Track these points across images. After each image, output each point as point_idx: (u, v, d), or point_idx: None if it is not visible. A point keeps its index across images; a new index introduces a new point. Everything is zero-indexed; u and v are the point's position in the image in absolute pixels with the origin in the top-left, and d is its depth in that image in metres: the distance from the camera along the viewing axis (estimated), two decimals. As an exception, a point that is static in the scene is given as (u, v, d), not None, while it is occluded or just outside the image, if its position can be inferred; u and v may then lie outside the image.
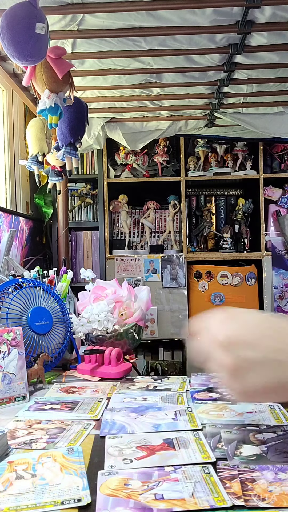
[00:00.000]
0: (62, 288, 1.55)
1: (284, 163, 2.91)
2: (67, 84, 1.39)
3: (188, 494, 0.64)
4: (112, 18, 1.41)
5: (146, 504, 0.62)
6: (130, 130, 2.56)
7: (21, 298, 1.31)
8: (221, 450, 0.79)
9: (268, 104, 2.27)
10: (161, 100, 2.18)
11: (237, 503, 0.62)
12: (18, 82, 1.94)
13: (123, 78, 1.90)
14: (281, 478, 0.69)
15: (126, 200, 2.89)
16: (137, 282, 2.77)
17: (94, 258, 2.90)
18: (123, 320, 1.49)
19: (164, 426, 0.91)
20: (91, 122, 2.44)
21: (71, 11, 1.37)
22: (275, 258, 2.83)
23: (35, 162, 1.70)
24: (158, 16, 1.41)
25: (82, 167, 2.94)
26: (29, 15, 1.14)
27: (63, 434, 0.89)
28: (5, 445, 0.82)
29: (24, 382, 1.13)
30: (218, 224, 3.03)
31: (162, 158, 2.83)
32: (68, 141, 1.61)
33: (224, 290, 2.80)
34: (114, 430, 0.90)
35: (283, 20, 1.44)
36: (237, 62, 1.74)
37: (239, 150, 2.88)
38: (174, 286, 2.78)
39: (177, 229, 2.94)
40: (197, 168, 2.90)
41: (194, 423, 0.92)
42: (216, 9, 1.38)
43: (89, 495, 0.65)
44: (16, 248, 2.20)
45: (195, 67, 1.78)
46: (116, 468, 0.73)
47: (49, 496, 0.65)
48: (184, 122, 2.54)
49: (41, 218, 2.76)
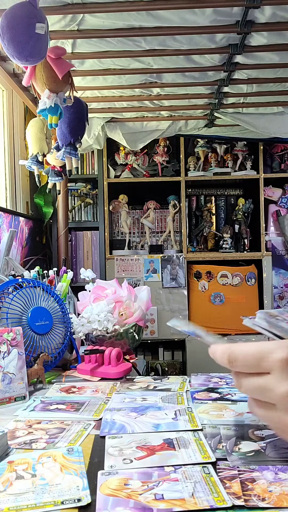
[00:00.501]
0: (62, 288, 1.55)
1: (284, 163, 2.91)
2: (67, 84, 1.39)
3: (188, 494, 0.64)
4: (112, 18, 1.41)
5: (146, 504, 0.62)
6: (130, 130, 2.57)
7: (21, 298, 1.31)
8: (221, 450, 0.79)
9: (268, 104, 2.27)
10: (161, 100, 2.18)
11: (237, 503, 0.62)
12: (18, 82, 1.94)
13: (123, 78, 1.90)
14: (281, 478, 0.69)
15: (126, 200, 2.89)
16: (137, 282, 2.77)
17: (94, 258, 2.90)
18: (123, 320, 1.49)
19: (164, 426, 0.91)
20: (91, 122, 2.44)
21: (71, 11, 1.37)
22: (275, 258, 2.83)
23: (35, 162, 1.71)
24: (158, 16, 1.41)
25: (82, 167, 2.94)
26: (29, 15, 1.14)
27: (63, 434, 0.89)
28: (5, 445, 0.82)
29: (24, 382, 1.13)
30: (218, 224, 3.03)
31: (162, 158, 2.83)
32: (68, 141, 1.61)
33: (224, 290, 2.80)
34: (114, 430, 0.90)
35: (283, 20, 1.44)
36: (237, 62, 1.74)
37: (239, 150, 2.88)
38: (174, 286, 2.78)
39: (177, 229, 2.94)
40: (197, 168, 2.90)
41: (194, 423, 0.92)
42: (216, 9, 1.38)
43: (89, 495, 0.65)
44: (16, 248, 2.20)
45: (195, 67, 1.78)
46: (116, 468, 0.73)
47: (49, 496, 0.65)
48: (184, 122, 2.54)
49: (41, 218, 2.76)
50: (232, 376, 0.65)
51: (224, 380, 1.27)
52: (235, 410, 0.99)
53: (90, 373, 1.33)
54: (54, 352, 1.35)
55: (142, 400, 1.09)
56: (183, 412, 0.98)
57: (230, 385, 1.21)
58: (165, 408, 1.02)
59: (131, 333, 1.46)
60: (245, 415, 0.95)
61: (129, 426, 0.91)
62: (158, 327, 2.76)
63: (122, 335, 1.45)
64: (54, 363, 1.35)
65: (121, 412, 1.00)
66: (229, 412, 0.98)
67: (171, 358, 2.90)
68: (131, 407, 1.03)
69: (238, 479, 0.69)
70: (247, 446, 0.80)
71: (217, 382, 1.24)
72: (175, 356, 2.90)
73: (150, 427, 0.91)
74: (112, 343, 1.44)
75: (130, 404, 1.06)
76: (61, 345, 1.39)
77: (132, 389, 1.20)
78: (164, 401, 1.07)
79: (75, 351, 1.53)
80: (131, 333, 1.46)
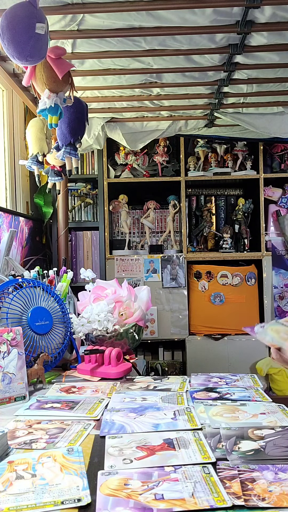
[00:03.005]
0: (62, 288, 1.55)
1: (284, 163, 2.91)
2: (67, 84, 1.39)
3: (188, 494, 0.64)
4: (112, 18, 1.41)
5: (146, 504, 0.62)
6: (130, 130, 2.56)
7: (21, 298, 1.31)
8: (221, 450, 0.79)
9: (268, 104, 2.26)
10: (161, 100, 2.18)
11: (237, 503, 0.62)
12: (18, 82, 1.93)
13: (123, 78, 1.90)
14: (281, 478, 0.69)
15: (126, 200, 2.89)
16: (137, 282, 2.77)
17: (94, 258, 2.90)
18: (123, 320, 1.49)
19: (163, 426, 0.91)
20: (91, 122, 2.44)
21: (71, 11, 1.37)
22: (275, 258, 2.83)
23: (35, 162, 1.71)
24: (158, 16, 1.41)
25: (82, 167, 2.94)
26: (29, 15, 1.14)
27: (63, 434, 0.89)
28: (5, 445, 0.82)
29: (24, 382, 1.13)
30: (218, 224, 3.03)
31: (162, 158, 2.83)
32: (68, 141, 1.61)
33: (224, 290, 2.80)
34: (114, 430, 0.90)
35: (283, 20, 1.44)
36: (237, 62, 1.74)
37: (239, 150, 2.87)
38: (174, 286, 2.78)
39: (177, 229, 2.94)
40: (197, 168, 2.90)
41: (193, 422, 0.92)
42: (216, 9, 1.38)
43: (89, 495, 0.65)
44: (16, 248, 2.20)
45: (195, 67, 1.78)
46: (116, 468, 0.73)
47: (49, 496, 0.65)
48: (184, 122, 2.54)
49: (41, 218, 2.76)
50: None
51: (224, 380, 1.27)
52: (248, 411, 0.98)
53: (90, 373, 1.33)
54: (54, 352, 1.35)
55: (142, 400, 1.09)
56: (182, 412, 0.98)
57: (229, 385, 1.21)
58: (164, 408, 1.02)
59: (131, 333, 1.47)
60: (260, 416, 0.95)
61: (129, 426, 0.91)
62: (158, 327, 2.76)
63: (122, 335, 1.45)
64: (54, 363, 1.35)
65: (120, 412, 1.00)
66: (243, 413, 0.97)
67: (171, 358, 2.90)
68: (130, 408, 1.03)
69: (238, 479, 0.69)
70: (246, 445, 0.80)
71: (216, 382, 1.24)
72: (175, 356, 2.90)
73: (149, 426, 0.91)
74: (112, 343, 1.44)
75: (129, 404, 1.06)
76: (61, 345, 1.39)
77: (132, 389, 1.20)
78: (164, 401, 1.07)
79: (75, 351, 1.53)
80: (131, 333, 1.47)
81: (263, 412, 0.97)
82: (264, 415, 0.96)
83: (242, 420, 0.94)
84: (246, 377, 1.30)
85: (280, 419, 0.93)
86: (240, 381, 1.26)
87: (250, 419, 0.94)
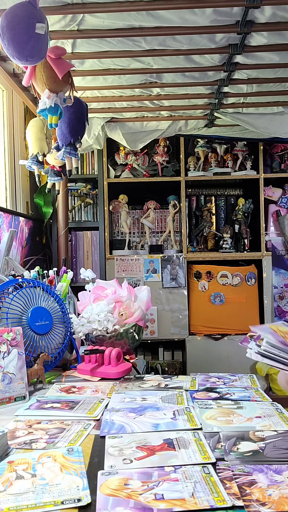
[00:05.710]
0: (62, 288, 1.55)
1: (284, 163, 2.91)
2: (67, 84, 1.39)
3: (188, 494, 0.64)
4: (112, 18, 1.41)
5: (146, 504, 0.62)
6: (130, 130, 2.56)
7: (21, 298, 1.31)
8: (221, 450, 0.79)
9: (268, 104, 2.26)
10: (161, 100, 2.18)
11: (237, 503, 0.62)
12: (18, 82, 1.93)
13: (123, 78, 1.90)
14: (277, 480, 0.68)
15: (126, 200, 2.89)
16: (137, 282, 2.77)
17: (94, 258, 2.90)
18: (123, 320, 1.49)
19: (163, 426, 0.91)
20: (91, 122, 2.44)
21: (71, 11, 1.37)
22: (275, 258, 2.83)
23: (35, 162, 1.71)
24: (158, 16, 1.41)
25: (82, 167, 2.94)
26: (29, 15, 1.14)
27: (63, 434, 0.89)
28: (5, 445, 0.82)
29: (24, 382, 1.13)
30: (218, 224, 3.03)
31: (162, 158, 2.83)
32: (68, 141, 1.61)
33: (224, 290, 2.80)
34: (113, 430, 0.90)
35: (283, 20, 1.44)
36: (237, 62, 1.74)
37: (239, 150, 2.87)
38: (174, 286, 2.78)
39: (177, 229, 2.94)
40: (197, 168, 2.90)
41: (193, 422, 0.92)
42: (216, 9, 1.38)
43: (89, 495, 0.65)
44: (16, 248, 2.20)
45: (195, 67, 1.78)
46: (116, 468, 0.73)
47: (49, 496, 0.65)
48: (184, 122, 2.54)
49: (41, 218, 2.76)
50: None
51: (222, 380, 1.27)
52: (243, 415, 0.98)
53: (90, 373, 1.33)
54: (54, 352, 1.35)
55: (142, 400, 1.09)
56: (182, 412, 0.98)
57: (228, 385, 1.21)
58: (164, 408, 1.02)
59: (131, 333, 1.46)
60: (255, 420, 0.94)
61: (129, 426, 0.91)
62: (158, 327, 2.76)
63: (122, 335, 1.45)
64: (54, 363, 1.35)
65: (119, 412, 1.00)
66: (237, 417, 0.96)
67: (171, 358, 2.90)
68: (130, 408, 1.03)
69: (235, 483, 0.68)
70: (246, 446, 0.80)
71: (214, 382, 1.25)
72: (175, 356, 2.90)
73: (149, 426, 0.91)
74: (112, 343, 1.44)
75: (129, 404, 1.06)
76: (61, 345, 1.39)
77: (143, 387, 1.21)
78: (164, 401, 1.07)
79: (75, 351, 1.53)
80: (131, 333, 1.46)
81: (259, 415, 0.96)
82: (260, 418, 0.95)
83: (236, 424, 0.92)
84: (245, 377, 1.30)
85: (275, 423, 0.92)
86: (238, 381, 1.26)
87: (244, 423, 0.92)
